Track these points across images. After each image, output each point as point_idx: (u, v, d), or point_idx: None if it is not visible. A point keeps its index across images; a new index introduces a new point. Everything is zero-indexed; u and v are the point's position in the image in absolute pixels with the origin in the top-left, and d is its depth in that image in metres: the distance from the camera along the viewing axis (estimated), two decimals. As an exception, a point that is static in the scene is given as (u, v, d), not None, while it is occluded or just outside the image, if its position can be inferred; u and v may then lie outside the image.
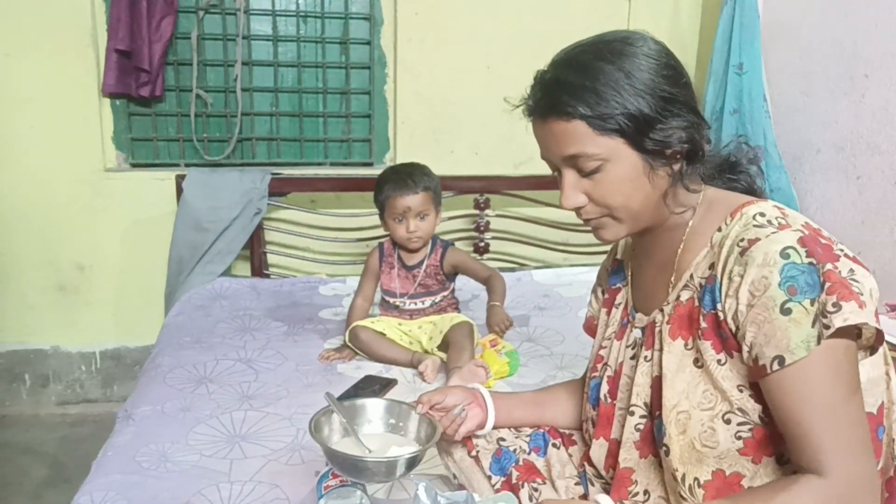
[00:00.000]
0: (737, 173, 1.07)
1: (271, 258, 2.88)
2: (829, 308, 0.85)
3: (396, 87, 2.91)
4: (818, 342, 0.85)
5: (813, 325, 0.85)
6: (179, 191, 2.64)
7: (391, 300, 2.20)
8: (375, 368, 2.02)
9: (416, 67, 2.88)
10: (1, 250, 2.69)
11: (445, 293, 2.22)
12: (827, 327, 0.85)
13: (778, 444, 0.94)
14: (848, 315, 0.84)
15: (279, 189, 2.73)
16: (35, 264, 2.72)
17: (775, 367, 0.87)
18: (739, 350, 0.92)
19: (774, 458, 0.95)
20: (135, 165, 2.80)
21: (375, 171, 2.94)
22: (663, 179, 0.98)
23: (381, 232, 2.91)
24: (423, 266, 2.18)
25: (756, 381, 0.92)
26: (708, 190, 1.03)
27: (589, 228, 1.04)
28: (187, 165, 2.80)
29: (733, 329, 0.92)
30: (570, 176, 0.98)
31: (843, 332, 0.86)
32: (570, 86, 0.94)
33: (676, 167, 0.98)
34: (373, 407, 1.22)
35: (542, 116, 0.97)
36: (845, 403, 0.87)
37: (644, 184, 0.97)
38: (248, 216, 2.68)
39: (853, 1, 2.38)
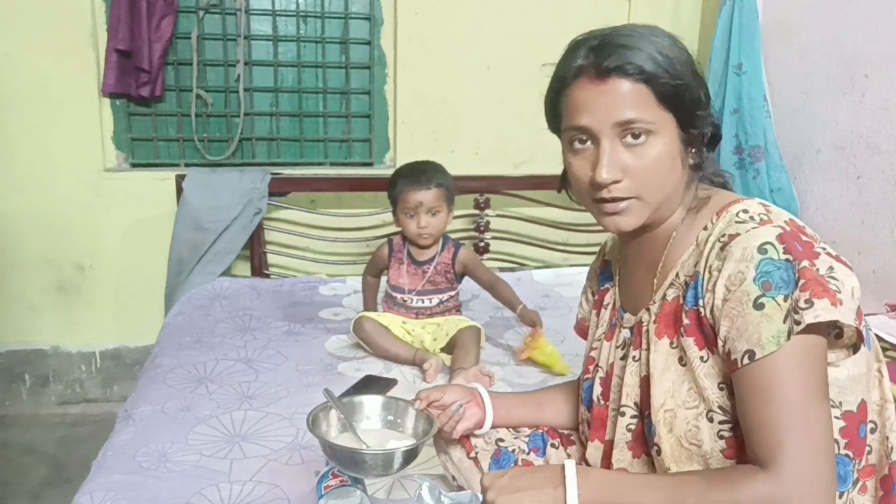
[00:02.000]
0: (702, 171, 1.07)
1: (271, 258, 2.88)
2: (801, 304, 0.85)
3: (396, 87, 2.91)
4: (788, 338, 0.85)
5: (784, 321, 0.85)
6: (179, 191, 2.64)
7: (398, 296, 2.20)
8: (376, 368, 2.02)
9: (416, 67, 2.88)
10: (1, 250, 2.69)
11: (453, 293, 2.23)
12: (798, 323, 0.85)
13: None
14: (819, 312, 0.84)
15: (279, 189, 2.73)
16: (35, 264, 2.73)
17: (745, 361, 0.87)
18: None
19: None
20: (135, 165, 2.80)
21: (375, 171, 2.96)
22: (686, 167, 0.99)
23: (381, 232, 2.92)
24: (434, 262, 2.18)
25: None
26: (697, 191, 1.03)
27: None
28: (187, 165, 2.80)
29: (712, 323, 0.92)
30: (613, 146, 0.94)
31: (814, 329, 0.86)
32: (642, 51, 0.92)
33: (695, 153, 0.99)
34: (370, 403, 1.23)
35: (603, 75, 0.92)
36: (810, 403, 0.86)
37: (677, 166, 0.97)
38: (248, 216, 2.68)
39: (853, 1, 2.37)
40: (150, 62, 2.61)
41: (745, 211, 0.94)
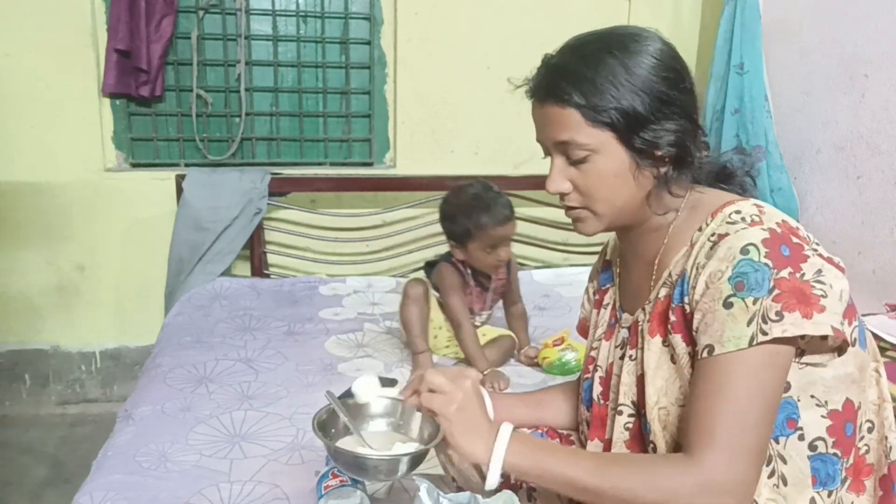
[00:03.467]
0: (731, 182, 1.07)
1: (271, 258, 2.88)
2: (772, 315, 0.86)
3: (396, 87, 2.91)
4: (749, 344, 0.86)
5: (749, 324, 0.87)
6: (179, 191, 2.64)
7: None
8: (376, 369, 2.02)
9: (416, 67, 2.88)
10: (1, 250, 2.69)
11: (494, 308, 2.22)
12: (764, 333, 0.86)
13: None
14: (787, 327, 0.86)
15: (279, 189, 2.73)
16: (35, 264, 2.73)
17: (704, 354, 0.90)
18: None
19: None
20: (135, 165, 2.80)
21: (375, 171, 2.96)
22: (648, 180, 0.99)
23: (381, 232, 2.92)
24: (494, 282, 2.13)
25: None
26: (694, 190, 1.03)
27: None
28: (187, 165, 2.80)
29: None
30: (558, 161, 1.00)
31: (783, 340, 0.87)
32: (570, 73, 0.96)
33: (663, 170, 0.99)
34: (375, 405, 1.22)
35: (541, 99, 1.00)
36: (755, 407, 0.87)
37: (629, 181, 0.98)
38: (248, 216, 2.68)
39: (853, 1, 2.37)
40: (150, 62, 2.61)
41: (738, 212, 0.95)
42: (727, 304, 0.88)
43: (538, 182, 2.81)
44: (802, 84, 2.61)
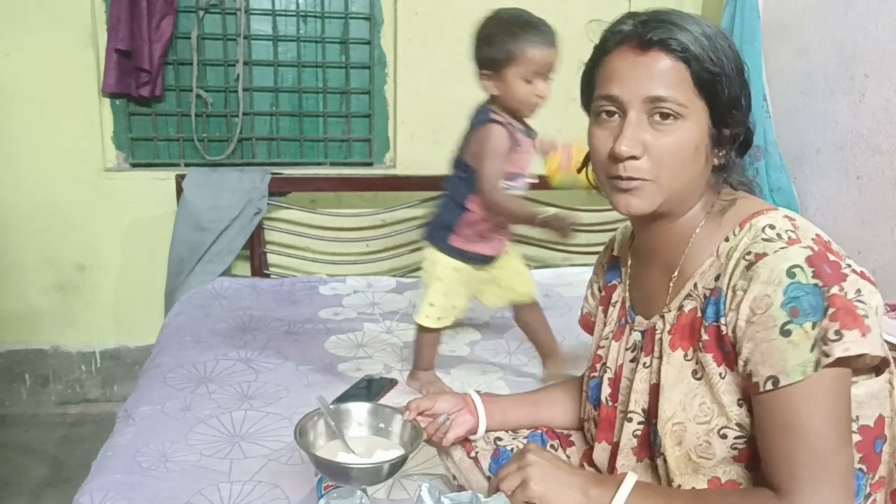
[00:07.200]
0: (730, 175, 1.05)
1: (271, 258, 2.88)
2: (831, 336, 0.83)
3: (396, 87, 2.91)
4: (815, 369, 0.84)
5: (811, 350, 0.84)
6: (179, 190, 2.64)
7: (519, 186, 1.77)
8: (376, 369, 2.02)
9: (416, 67, 2.88)
10: (1, 250, 2.69)
11: None
12: (826, 355, 0.83)
13: None
14: (849, 345, 0.83)
15: (279, 189, 2.73)
16: (35, 264, 2.73)
17: (768, 386, 0.86)
18: None
19: None
20: (135, 165, 2.80)
21: (375, 171, 2.96)
22: (710, 164, 0.97)
23: (381, 232, 2.92)
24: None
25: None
26: (723, 191, 1.00)
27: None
28: (187, 165, 2.80)
29: (733, 342, 0.91)
30: (640, 121, 0.92)
31: (841, 361, 0.84)
32: (689, 32, 0.91)
33: (724, 155, 0.97)
34: (358, 411, 1.26)
35: (646, 46, 0.91)
36: (830, 433, 0.85)
37: (700, 159, 0.94)
38: (248, 216, 2.68)
39: (853, 1, 2.38)
40: (151, 62, 2.61)
41: (772, 227, 0.91)
42: (785, 332, 0.84)
43: (538, 182, 2.83)
44: (802, 84, 2.61)
